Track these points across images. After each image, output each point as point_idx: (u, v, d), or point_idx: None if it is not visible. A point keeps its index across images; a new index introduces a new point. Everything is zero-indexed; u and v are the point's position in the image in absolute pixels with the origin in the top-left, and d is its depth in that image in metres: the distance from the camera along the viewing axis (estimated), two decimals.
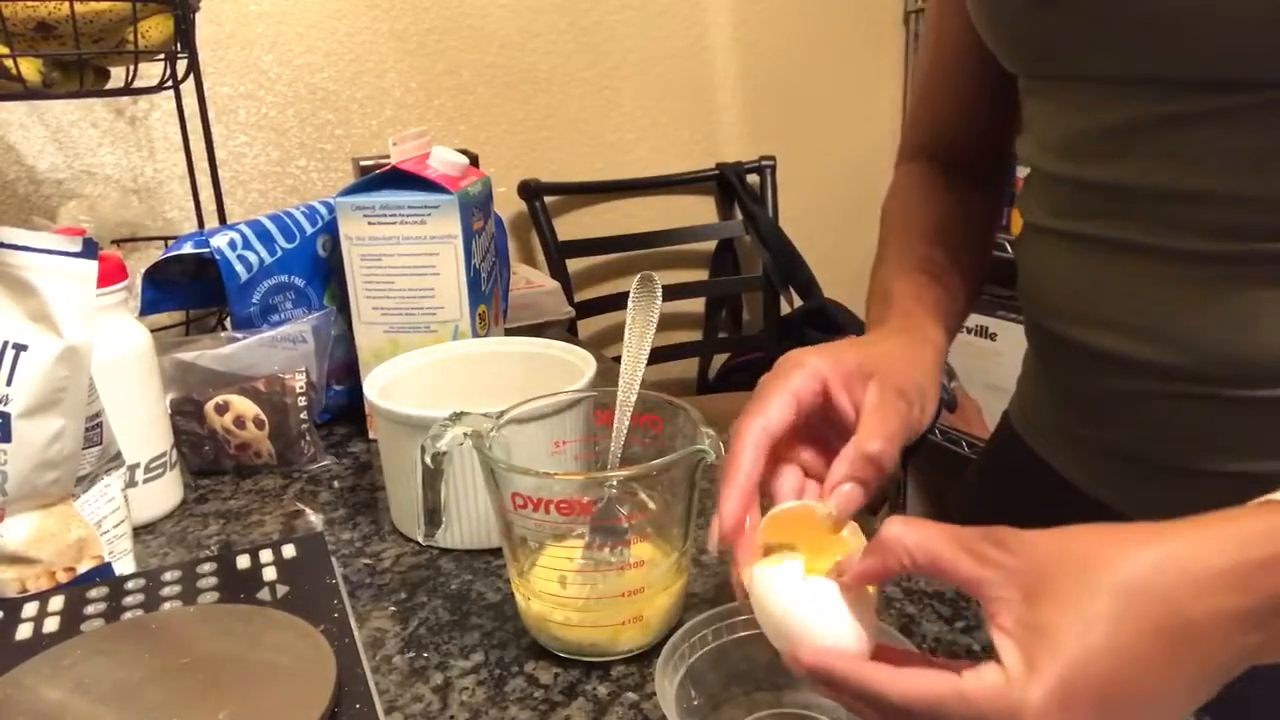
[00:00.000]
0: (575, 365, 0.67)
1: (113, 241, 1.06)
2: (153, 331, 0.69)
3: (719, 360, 1.91)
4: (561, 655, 0.51)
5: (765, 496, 0.45)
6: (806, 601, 0.39)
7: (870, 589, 0.40)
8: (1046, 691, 0.32)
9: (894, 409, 0.45)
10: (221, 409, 0.73)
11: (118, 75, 0.93)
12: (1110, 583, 0.33)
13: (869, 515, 0.48)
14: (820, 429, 0.47)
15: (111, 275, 0.63)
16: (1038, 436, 0.66)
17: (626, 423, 0.54)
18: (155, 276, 0.79)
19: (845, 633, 0.38)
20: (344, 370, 0.84)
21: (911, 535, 0.37)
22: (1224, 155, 0.47)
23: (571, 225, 1.74)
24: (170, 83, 0.92)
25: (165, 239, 1.03)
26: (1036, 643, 0.33)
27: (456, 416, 0.50)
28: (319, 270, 0.82)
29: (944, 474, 1.95)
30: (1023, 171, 0.64)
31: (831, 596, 0.39)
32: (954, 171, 0.68)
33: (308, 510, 0.70)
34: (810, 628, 0.38)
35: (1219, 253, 0.48)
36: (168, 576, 0.53)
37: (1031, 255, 0.62)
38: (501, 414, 0.52)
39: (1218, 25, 0.44)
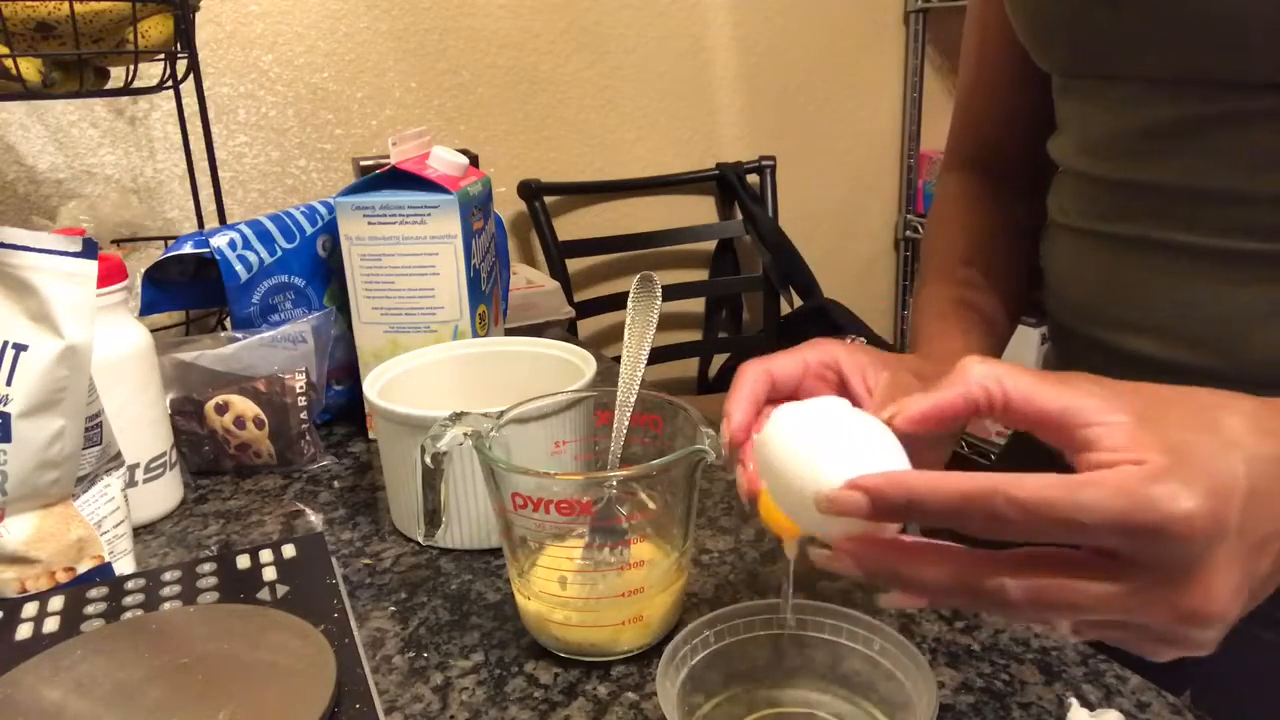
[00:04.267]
0: (575, 365, 0.66)
1: (113, 241, 1.06)
2: (153, 331, 0.69)
3: (719, 360, 1.91)
4: (561, 655, 0.51)
5: None
6: (851, 436, 0.32)
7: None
8: (1202, 494, 0.28)
9: (909, 388, 0.43)
10: (221, 409, 0.73)
11: (118, 75, 0.93)
12: (1235, 407, 0.31)
13: None
14: None
15: (111, 275, 0.63)
16: None
17: (626, 423, 0.53)
18: (155, 276, 0.79)
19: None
20: (344, 370, 0.84)
21: (995, 368, 0.32)
22: (1268, 155, 0.47)
23: (571, 225, 1.75)
24: (170, 83, 0.92)
25: (165, 239, 1.03)
26: (1168, 457, 0.29)
27: (456, 416, 0.50)
28: (319, 270, 0.82)
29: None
30: None
31: (882, 436, 0.32)
32: (997, 181, 0.69)
33: (308, 510, 0.70)
34: (856, 463, 0.32)
35: (1260, 252, 0.48)
36: (168, 576, 0.53)
37: (1061, 257, 0.61)
38: (501, 414, 0.52)
39: (1273, 25, 0.43)
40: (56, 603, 0.51)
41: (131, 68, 0.87)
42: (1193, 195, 0.50)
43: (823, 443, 0.33)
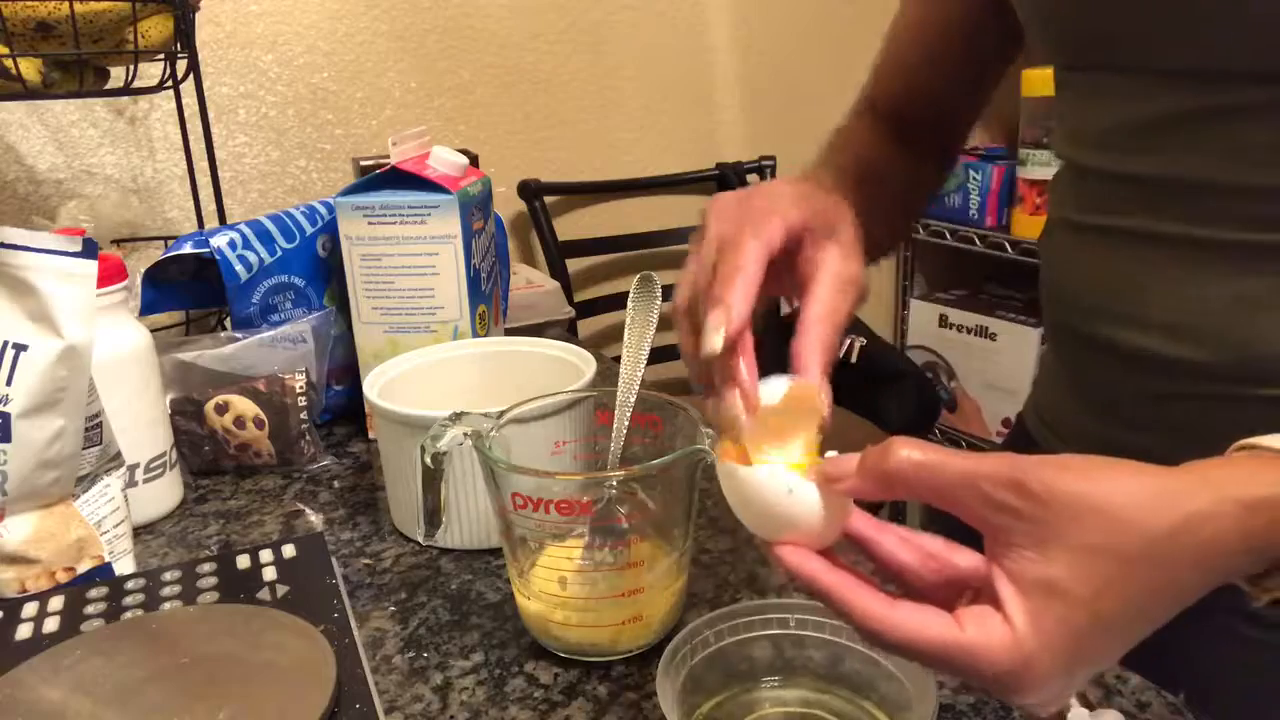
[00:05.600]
0: (575, 365, 0.66)
1: (113, 241, 1.06)
2: (153, 331, 0.69)
3: None
4: (561, 655, 0.51)
5: None
6: (790, 504, 0.36)
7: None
8: (1054, 657, 0.32)
9: (845, 295, 0.44)
10: (221, 409, 0.73)
11: (118, 75, 0.93)
12: (1125, 551, 0.32)
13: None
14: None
15: (111, 275, 0.63)
16: (1055, 440, 0.66)
17: (626, 423, 0.53)
18: (155, 276, 0.79)
19: (828, 533, 0.37)
20: (344, 370, 0.84)
21: (917, 461, 0.34)
22: (1269, 147, 0.46)
23: (571, 225, 1.74)
24: (170, 83, 0.92)
25: (165, 239, 1.03)
26: (1045, 602, 0.32)
27: (456, 416, 0.50)
28: (319, 270, 0.82)
29: None
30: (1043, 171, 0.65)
31: (814, 500, 0.36)
32: (903, 138, 0.69)
33: (308, 510, 0.70)
34: (794, 526, 0.37)
35: (1262, 243, 0.48)
36: (168, 576, 0.53)
37: (1060, 252, 0.61)
38: (501, 414, 0.52)
39: (1273, 17, 0.43)
40: (56, 603, 0.51)
41: (131, 68, 0.87)
42: (1194, 187, 0.50)
43: (773, 511, 0.37)
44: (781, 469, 0.37)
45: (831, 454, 0.37)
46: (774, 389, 0.40)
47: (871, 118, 0.71)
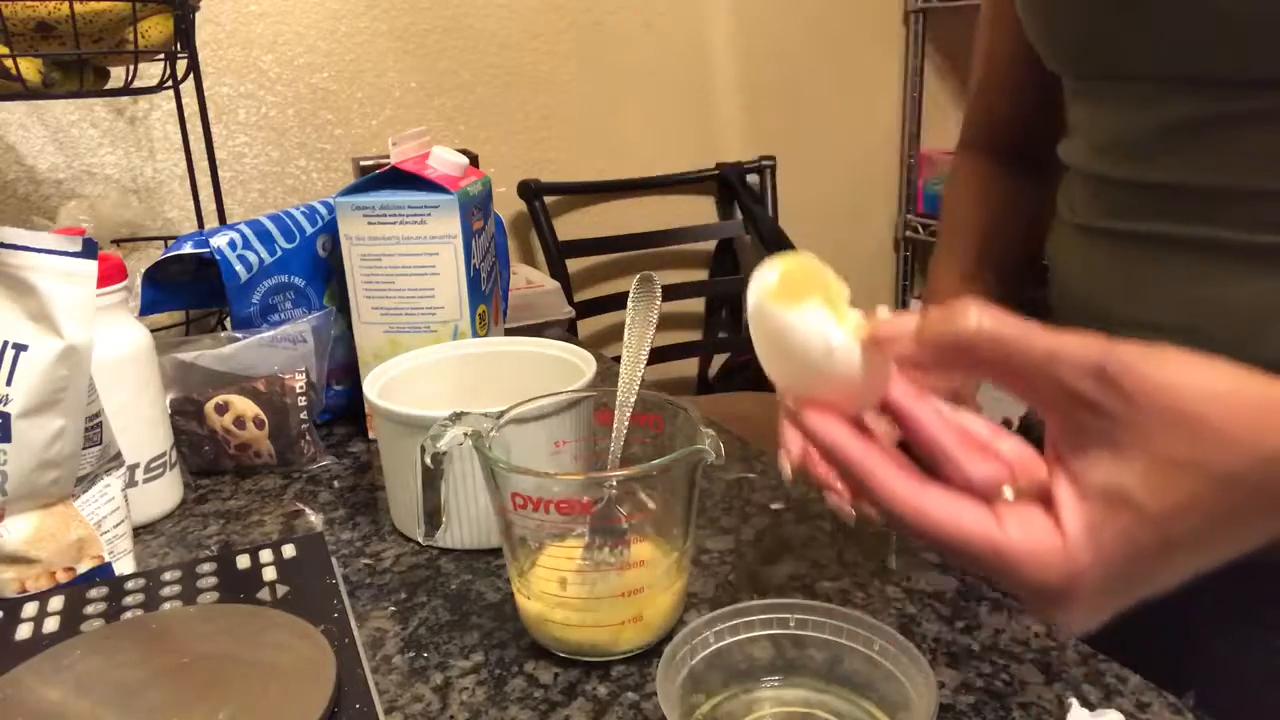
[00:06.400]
0: (575, 365, 0.66)
1: (113, 241, 1.06)
2: (153, 331, 0.69)
3: (719, 360, 1.91)
4: (561, 655, 0.51)
5: None
6: (830, 359, 0.33)
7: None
8: (1107, 575, 0.28)
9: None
10: (221, 409, 0.73)
11: (118, 75, 0.93)
12: (1216, 469, 0.28)
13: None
14: None
15: (111, 275, 0.63)
16: None
17: (626, 423, 0.53)
18: (155, 276, 0.79)
19: (865, 399, 0.33)
20: (344, 370, 0.84)
21: (991, 331, 0.30)
22: None
23: (571, 225, 1.75)
24: (170, 83, 0.92)
25: (165, 239, 1.03)
26: (1109, 512, 0.28)
27: (456, 416, 0.50)
28: (319, 270, 0.82)
29: None
30: None
31: (856, 359, 0.33)
32: (1008, 161, 0.72)
33: (308, 510, 0.70)
34: (828, 384, 0.33)
35: (1275, 245, 0.48)
36: (168, 576, 0.53)
37: (1070, 255, 0.61)
38: (501, 414, 0.52)
39: None
40: (56, 603, 0.51)
41: (131, 68, 0.87)
42: (1207, 192, 0.50)
43: (807, 362, 0.33)
44: (830, 319, 0.33)
45: (883, 309, 0.33)
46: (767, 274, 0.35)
47: (971, 155, 0.75)
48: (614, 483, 0.50)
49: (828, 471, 0.43)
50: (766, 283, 0.34)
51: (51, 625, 0.49)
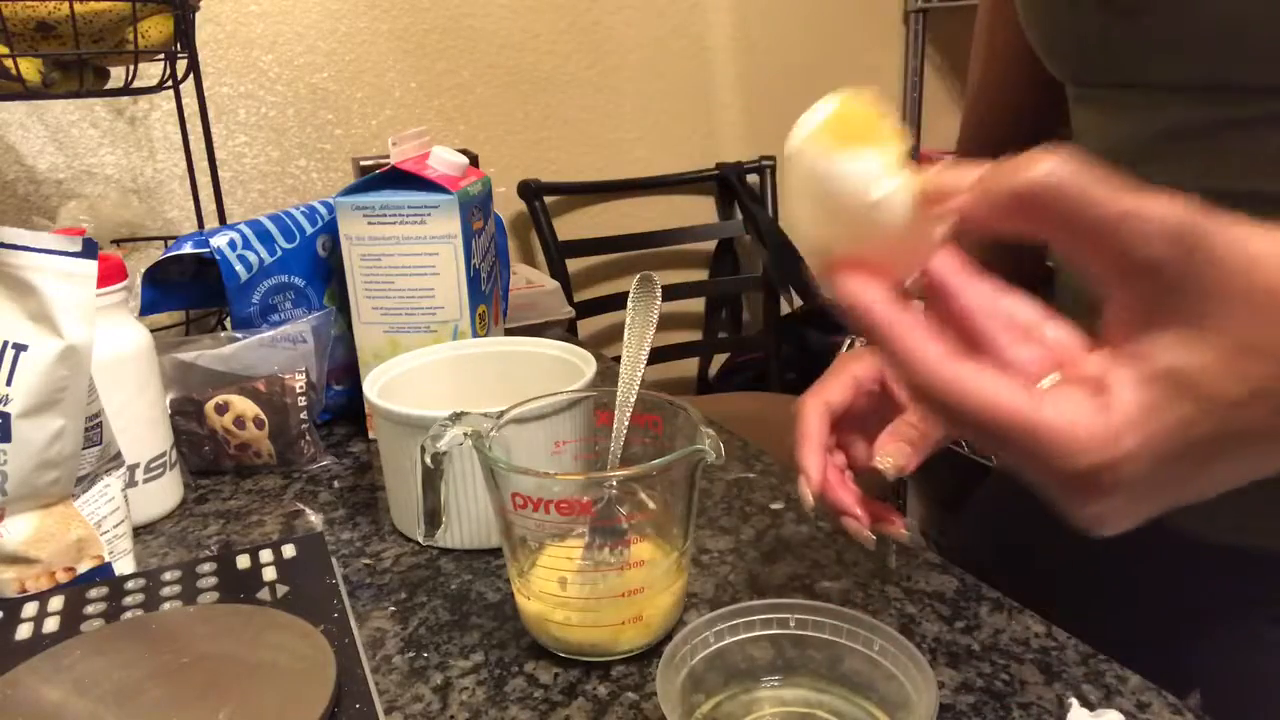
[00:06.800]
0: (575, 365, 0.66)
1: (113, 241, 1.06)
2: (153, 331, 0.69)
3: (719, 360, 1.91)
4: (561, 655, 0.51)
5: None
6: (873, 209, 0.29)
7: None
8: (1151, 466, 0.26)
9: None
10: (221, 409, 0.73)
11: (118, 75, 0.93)
12: None
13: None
14: (875, 424, 0.48)
15: (111, 275, 0.63)
16: None
17: (626, 423, 0.54)
18: (155, 276, 0.79)
19: (906, 262, 0.30)
20: (344, 370, 0.84)
21: (1063, 181, 0.26)
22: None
23: (571, 225, 1.75)
24: (170, 83, 0.92)
25: (165, 239, 1.03)
26: (1171, 397, 0.25)
27: (456, 416, 0.50)
28: (319, 270, 0.82)
29: (944, 473, 1.95)
30: None
31: (903, 212, 0.29)
32: None
33: (308, 510, 0.70)
34: (869, 238, 0.29)
35: None
36: (168, 576, 0.53)
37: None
38: (501, 414, 0.52)
39: None
40: (56, 603, 0.51)
41: (131, 68, 0.87)
42: (1213, 196, 0.50)
43: (854, 211, 0.30)
44: (878, 163, 0.29)
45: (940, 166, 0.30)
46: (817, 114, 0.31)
47: (971, 155, 0.74)
48: (614, 483, 0.50)
49: (847, 496, 0.43)
50: (813, 122, 0.30)
51: (51, 625, 0.49)
